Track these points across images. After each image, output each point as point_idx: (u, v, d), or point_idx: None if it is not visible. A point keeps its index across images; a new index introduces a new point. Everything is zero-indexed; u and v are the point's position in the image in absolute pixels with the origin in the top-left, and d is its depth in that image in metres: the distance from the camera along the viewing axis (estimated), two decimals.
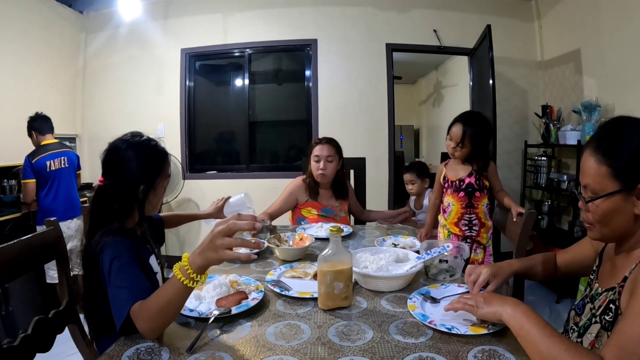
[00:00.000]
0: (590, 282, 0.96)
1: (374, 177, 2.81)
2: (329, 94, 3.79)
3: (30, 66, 3.39)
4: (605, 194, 0.80)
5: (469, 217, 1.93)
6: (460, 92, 5.44)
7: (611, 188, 0.79)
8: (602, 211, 0.81)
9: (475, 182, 1.89)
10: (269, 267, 1.39)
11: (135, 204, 1.08)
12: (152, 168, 1.10)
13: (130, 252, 0.97)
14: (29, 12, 3.36)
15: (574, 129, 3.03)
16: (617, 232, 0.84)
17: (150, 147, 1.12)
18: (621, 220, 0.80)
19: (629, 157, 0.77)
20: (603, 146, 0.80)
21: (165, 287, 0.81)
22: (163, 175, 1.13)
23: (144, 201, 1.09)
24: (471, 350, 0.80)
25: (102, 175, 1.11)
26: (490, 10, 3.70)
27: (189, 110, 3.97)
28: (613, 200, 0.79)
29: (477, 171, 1.89)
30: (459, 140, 1.87)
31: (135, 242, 1.06)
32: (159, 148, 1.14)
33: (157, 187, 1.11)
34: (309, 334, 0.89)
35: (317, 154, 2.10)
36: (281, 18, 3.80)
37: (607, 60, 2.85)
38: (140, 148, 1.09)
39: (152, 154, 1.11)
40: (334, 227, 1.03)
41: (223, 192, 3.85)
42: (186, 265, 0.78)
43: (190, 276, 0.77)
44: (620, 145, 0.78)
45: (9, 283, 1.02)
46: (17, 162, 3.12)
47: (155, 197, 1.13)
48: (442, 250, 1.22)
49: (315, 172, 2.11)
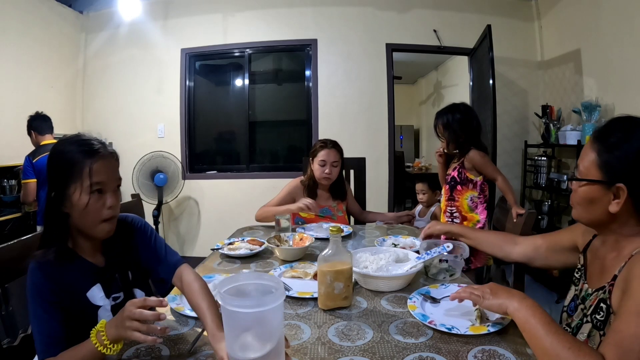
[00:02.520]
0: (576, 281, 0.96)
1: (374, 177, 2.82)
2: (328, 94, 3.79)
3: (30, 66, 3.39)
4: (586, 178, 0.83)
5: (451, 210, 2.03)
6: (460, 92, 5.44)
7: (593, 176, 0.82)
8: (581, 195, 0.86)
9: (458, 176, 1.94)
10: (269, 267, 1.39)
11: (52, 217, 0.88)
12: (60, 169, 0.88)
13: (45, 286, 0.83)
14: (29, 12, 3.36)
15: (574, 129, 3.03)
16: (593, 220, 0.87)
17: (68, 142, 0.90)
18: (597, 209, 0.83)
19: (621, 155, 0.78)
20: (603, 136, 0.82)
21: (78, 347, 0.77)
22: (79, 181, 0.86)
23: (59, 213, 0.88)
24: (471, 350, 0.80)
25: None
26: (490, 10, 3.70)
27: (189, 110, 3.97)
28: (592, 188, 0.83)
29: (460, 164, 1.93)
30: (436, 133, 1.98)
31: (65, 268, 0.87)
32: (77, 147, 0.88)
33: (71, 197, 0.87)
34: (309, 334, 0.89)
35: (324, 158, 2.09)
36: (281, 18, 3.80)
37: (607, 60, 2.85)
38: (55, 146, 0.91)
39: (61, 153, 0.89)
40: (334, 227, 1.03)
41: (223, 192, 3.89)
42: (102, 331, 0.76)
43: (104, 342, 0.75)
44: (618, 141, 0.79)
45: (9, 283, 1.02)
46: (17, 162, 3.12)
47: (75, 210, 0.87)
48: (442, 250, 1.22)
49: (319, 175, 2.10)
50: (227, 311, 0.68)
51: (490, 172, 1.93)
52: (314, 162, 2.12)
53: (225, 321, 0.72)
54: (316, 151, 2.11)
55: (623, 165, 0.78)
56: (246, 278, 0.77)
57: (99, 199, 0.88)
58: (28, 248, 1.08)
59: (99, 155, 0.88)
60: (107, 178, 0.90)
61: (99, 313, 0.92)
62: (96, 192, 0.88)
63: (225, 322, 0.72)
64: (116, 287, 0.97)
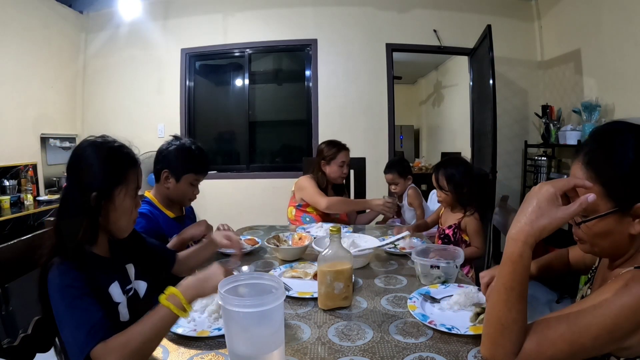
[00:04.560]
0: (588, 281, 0.96)
1: (374, 177, 2.81)
2: (328, 94, 3.78)
3: (30, 66, 3.39)
4: (597, 215, 0.73)
5: None
6: (460, 92, 5.43)
7: (604, 209, 0.72)
8: (594, 232, 0.75)
9: (452, 236, 1.79)
10: (269, 267, 1.39)
11: (86, 216, 0.88)
12: (110, 172, 0.91)
13: (80, 280, 0.82)
14: (29, 12, 3.36)
15: (574, 129, 3.03)
16: (609, 251, 0.78)
17: (113, 148, 0.94)
18: (615, 240, 0.74)
19: (623, 174, 0.70)
20: (594, 162, 0.73)
21: (148, 317, 0.78)
22: (125, 184, 0.93)
23: (96, 213, 0.90)
24: (471, 350, 0.80)
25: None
26: (490, 10, 3.70)
27: (189, 110, 3.97)
28: (607, 222, 0.72)
29: (456, 225, 1.77)
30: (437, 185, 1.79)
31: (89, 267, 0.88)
32: (124, 151, 0.96)
33: (115, 198, 0.91)
34: (309, 334, 0.89)
35: (344, 159, 2.22)
36: (281, 18, 3.80)
37: (607, 60, 2.85)
38: (100, 148, 0.93)
39: (112, 155, 0.93)
40: (334, 227, 1.03)
41: (223, 192, 3.88)
42: (177, 295, 0.79)
43: (182, 305, 0.79)
44: (613, 160, 0.71)
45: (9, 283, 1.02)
46: (17, 162, 3.13)
47: (115, 211, 0.92)
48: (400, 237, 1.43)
49: (337, 175, 2.21)
50: (227, 311, 0.68)
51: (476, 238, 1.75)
52: (331, 164, 2.21)
53: (225, 321, 0.72)
54: (335, 154, 2.21)
55: (631, 182, 0.70)
56: (246, 278, 0.77)
57: (134, 201, 0.97)
58: (28, 248, 1.08)
59: (139, 163, 0.99)
60: (141, 184, 0.99)
61: (119, 309, 0.94)
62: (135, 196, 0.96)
63: (225, 322, 0.72)
64: (127, 279, 1.01)
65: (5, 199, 2.94)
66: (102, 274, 0.92)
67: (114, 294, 0.93)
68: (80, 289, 0.81)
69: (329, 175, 2.22)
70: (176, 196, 1.52)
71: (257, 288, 0.76)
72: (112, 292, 0.93)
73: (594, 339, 0.64)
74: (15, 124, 3.17)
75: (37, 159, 3.42)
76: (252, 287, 0.77)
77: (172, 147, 1.53)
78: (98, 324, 0.77)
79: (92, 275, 0.87)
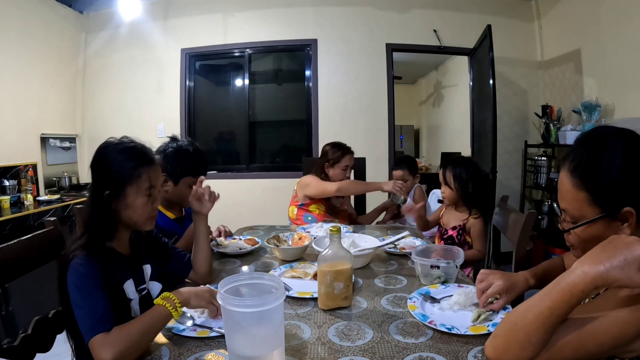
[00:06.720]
0: None
1: (374, 177, 2.80)
2: (328, 94, 3.78)
3: (30, 66, 3.39)
4: (585, 221, 0.74)
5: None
6: (460, 92, 5.43)
7: (592, 215, 0.73)
8: (583, 238, 0.76)
9: (457, 237, 1.78)
10: (268, 267, 1.39)
11: (103, 214, 0.95)
12: (121, 171, 0.96)
13: (98, 272, 0.89)
14: (29, 12, 3.36)
15: (574, 129, 3.03)
16: None
17: (125, 149, 0.99)
18: None
19: (610, 179, 0.70)
20: (580, 169, 0.73)
21: (145, 315, 0.86)
22: (137, 183, 0.97)
23: (109, 211, 0.95)
24: (471, 350, 0.80)
25: None
26: (490, 10, 3.70)
27: (189, 110, 3.97)
28: (595, 227, 0.74)
29: (461, 227, 1.76)
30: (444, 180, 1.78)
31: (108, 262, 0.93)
32: (136, 151, 1.00)
33: (127, 197, 0.96)
34: (309, 334, 0.89)
35: (348, 163, 2.22)
36: (281, 18, 3.80)
37: (607, 60, 2.85)
38: (113, 148, 0.98)
39: (123, 155, 0.97)
40: (334, 227, 1.03)
41: (223, 192, 3.87)
42: (172, 297, 0.88)
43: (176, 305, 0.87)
44: (599, 166, 0.71)
45: (9, 283, 1.02)
46: (17, 162, 3.13)
47: (128, 209, 0.97)
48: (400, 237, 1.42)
49: (339, 178, 2.22)
50: (227, 311, 0.68)
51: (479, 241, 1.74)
52: (335, 167, 2.21)
53: (225, 321, 0.72)
54: (339, 157, 2.20)
55: (617, 187, 0.70)
56: (246, 278, 0.77)
57: (149, 199, 1.00)
58: (28, 248, 1.08)
59: (153, 163, 1.03)
60: (156, 182, 1.02)
61: (131, 305, 1.00)
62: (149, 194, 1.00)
63: (225, 321, 0.72)
64: (142, 279, 1.06)
65: (5, 199, 2.93)
66: (119, 270, 0.98)
67: (128, 290, 0.99)
68: (97, 281, 0.88)
69: (332, 178, 2.22)
70: (175, 198, 1.52)
71: (257, 288, 0.77)
72: (126, 289, 0.99)
73: (599, 345, 0.65)
74: (15, 124, 3.16)
75: (37, 159, 3.42)
76: (252, 287, 0.78)
77: (169, 150, 1.53)
78: (105, 316, 0.83)
79: (110, 270, 0.93)
